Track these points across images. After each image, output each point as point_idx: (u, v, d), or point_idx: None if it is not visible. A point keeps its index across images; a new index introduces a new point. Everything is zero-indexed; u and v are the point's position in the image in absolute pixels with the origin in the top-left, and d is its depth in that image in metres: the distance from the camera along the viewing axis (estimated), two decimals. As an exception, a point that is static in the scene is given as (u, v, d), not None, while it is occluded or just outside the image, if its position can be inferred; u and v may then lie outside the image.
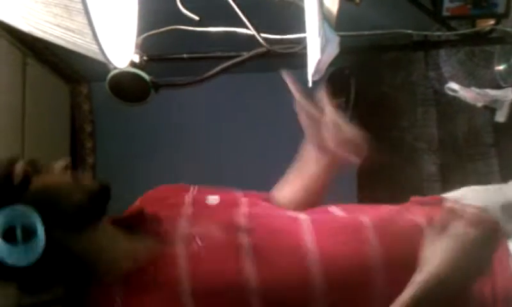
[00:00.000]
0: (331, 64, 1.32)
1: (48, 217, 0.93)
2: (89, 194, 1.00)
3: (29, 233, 0.90)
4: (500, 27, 1.69)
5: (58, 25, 0.86)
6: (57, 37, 0.90)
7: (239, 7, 1.42)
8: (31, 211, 0.91)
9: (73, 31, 0.85)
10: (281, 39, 1.52)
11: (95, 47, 0.86)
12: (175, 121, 3.44)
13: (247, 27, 1.45)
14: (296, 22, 1.40)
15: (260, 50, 1.54)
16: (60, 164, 1.04)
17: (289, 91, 1.30)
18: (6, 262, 0.90)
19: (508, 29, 1.67)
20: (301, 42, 1.45)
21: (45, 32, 0.90)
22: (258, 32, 1.46)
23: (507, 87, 2.04)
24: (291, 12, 1.40)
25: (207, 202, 1.19)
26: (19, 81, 2.66)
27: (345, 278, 1.05)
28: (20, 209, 0.91)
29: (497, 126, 2.44)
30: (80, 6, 0.80)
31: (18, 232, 0.89)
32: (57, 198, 0.98)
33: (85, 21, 0.81)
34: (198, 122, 3.45)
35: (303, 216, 1.18)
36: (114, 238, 1.06)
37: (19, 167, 0.98)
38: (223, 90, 3.38)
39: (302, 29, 1.34)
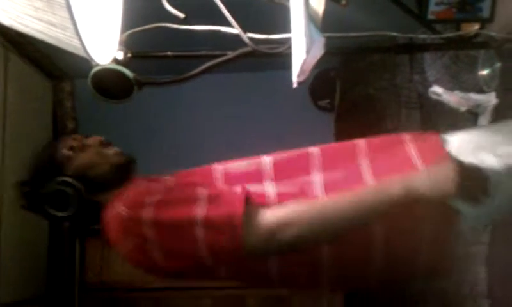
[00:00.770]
0: (317, 65, 1.32)
1: (82, 184, 1.31)
2: (115, 167, 1.38)
3: (68, 201, 1.29)
4: (484, 31, 1.70)
5: (40, 19, 0.85)
6: (39, 31, 0.88)
7: (224, 6, 1.41)
8: (69, 188, 1.29)
9: (55, 25, 0.84)
10: (267, 39, 1.51)
11: (76, 42, 0.85)
12: (158, 119, 3.42)
13: (232, 26, 1.44)
14: (282, 22, 1.39)
15: (245, 49, 1.53)
16: (96, 139, 1.42)
17: (274, 92, 1.32)
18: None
19: (492, 34, 1.68)
20: (287, 42, 1.44)
21: (26, 26, 0.88)
22: (244, 32, 1.45)
23: (490, 92, 2.05)
24: (277, 12, 1.39)
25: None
26: (1, 77, 2.62)
27: None
28: (62, 179, 1.30)
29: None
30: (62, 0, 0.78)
31: (60, 198, 1.29)
32: (89, 171, 1.35)
33: (67, 15, 0.80)
34: (182, 120, 3.44)
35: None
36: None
37: (64, 150, 1.36)
38: (208, 89, 3.37)
39: (288, 29, 1.33)
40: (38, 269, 3.29)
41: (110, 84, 1.49)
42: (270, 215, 1.17)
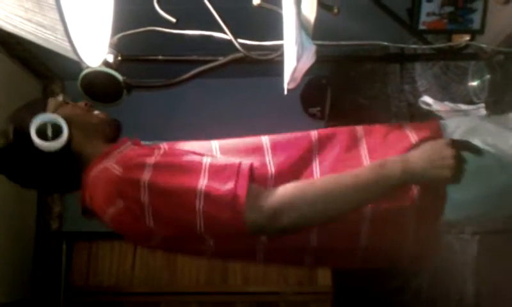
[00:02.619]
0: (308, 72, 1.32)
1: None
2: (102, 120, 1.38)
3: (57, 132, 1.26)
4: (474, 43, 1.71)
5: (29, 20, 0.84)
6: (28, 32, 0.87)
7: (216, 11, 1.41)
8: (60, 119, 1.27)
9: (44, 27, 0.83)
10: (259, 46, 1.51)
11: (66, 44, 0.84)
12: (148, 123, 3.41)
13: (224, 32, 1.44)
14: (274, 29, 1.39)
15: (236, 55, 1.53)
16: (83, 102, 1.41)
17: (264, 98, 1.32)
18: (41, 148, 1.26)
19: (483, 45, 1.69)
20: (278, 49, 1.44)
21: (15, 26, 0.87)
22: (236, 38, 1.45)
23: (479, 103, 2.06)
24: (269, 19, 1.39)
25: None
26: (-11, 76, 2.61)
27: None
28: (52, 116, 1.27)
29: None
30: (52, 1, 0.78)
31: (49, 130, 1.25)
32: (78, 117, 1.34)
33: (57, 17, 0.79)
34: (173, 124, 3.43)
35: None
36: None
37: (53, 100, 1.36)
38: (199, 94, 3.37)
39: (279, 36, 1.33)
40: (23, 272, 3.26)
41: (100, 87, 1.48)
42: (274, 195, 1.15)
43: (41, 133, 1.25)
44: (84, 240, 3.56)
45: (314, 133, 1.35)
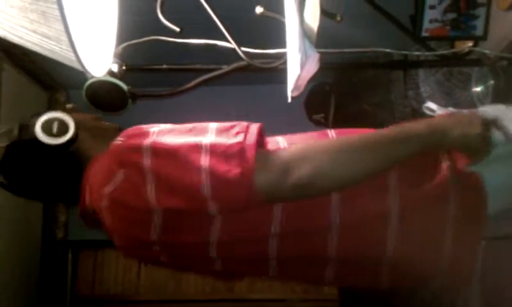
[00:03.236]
0: (312, 79, 1.32)
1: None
2: (108, 127, 1.32)
3: (63, 131, 1.21)
4: (478, 49, 1.71)
5: (34, 32, 0.85)
6: (34, 43, 0.88)
7: (220, 20, 1.42)
8: (68, 117, 1.22)
9: (49, 38, 0.84)
10: (262, 54, 1.52)
11: (71, 55, 0.85)
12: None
13: (228, 41, 1.44)
14: (277, 38, 1.40)
15: (240, 63, 1.54)
16: (91, 114, 1.36)
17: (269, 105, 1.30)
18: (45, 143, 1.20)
19: (486, 51, 1.69)
20: (282, 57, 1.45)
21: (20, 38, 0.88)
22: (239, 46, 1.46)
23: (483, 108, 2.06)
24: (272, 27, 1.40)
25: None
26: (-5, 87, 2.62)
27: None
28: (60, 114, 1.22)
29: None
30: (57, 12, 0.78)
31: (55, 127, 1.20)
32: (86, 123, 1.28)
33: (62, 28, 0.80)
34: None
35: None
36: None
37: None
38: (203, 101, 3.37)
39: (283, 44, 1.34)
40: (29, 281, 3.26)
41: (104, 96, 1.48)
42: (285, 151, 1.06)
43: (47, 129, 1.20)
44: (90, 249, 3.57)
45: (331, 132, 1.24)
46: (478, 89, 2.03)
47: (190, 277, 3.53)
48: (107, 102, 1.50)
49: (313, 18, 1.26)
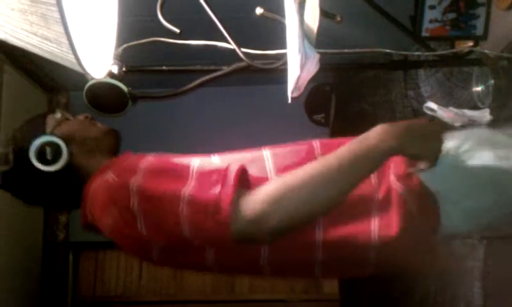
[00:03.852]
0: (312, 80, 1.32)
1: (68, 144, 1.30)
2: (104, 132, 1.38)
3: (57, 153, 1.28)
4: (478, 49, 1.71)
5: (35, 34, 0.85)
6: (34, 45, 0.88)
7: (220, 21, 1.42)
8: (58, 140, 1.28)
9: (49, 40, 0.84)
10: (262, 55, 1.52)
11: (71, 57, 0.85)
12: (153, 132, 3.42)
13: (228, 42, 1.44)
14: (277, 38, 1.40)
15: (240, 64, 1.54)
16: (83, 116, 1.41)
17: (269, 105, 1.30)
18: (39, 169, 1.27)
19: (486, 51, 1.69)
20: (282, 58, 1.45)
21: (21, 40, 0.88)
22: (239, 47, 1.46)
23: (484, 108, 2.06)
24: (272, 28, 1.40)
25: None
26: (-4, 88, 2.63)
27: None
28: (50, 138, 1.29)
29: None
30: (57, 15, 0.78)
31: (48, 152, 1.27)
32: (80, 132, 1.35)
33: (61, 30, 0.80)
34: (178, 133, 3.44)
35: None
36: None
37: (52, 118, 1.37)
38: (203, 102, 3.37)
39: (283, 45, 1.34)
40: (31, 282, 3.26)
41: (105, 98, 1.49)
42: (254, 199, 1.06)
43: (41, 155, 1.27)
44: (91, 250, 3.57)
45: (316, 143, 1.32)
46: (478, 88, 2.03)
47: (191, 277, 3.53)
48: (108, 103, 1.50)
49: (312, 18, 1.26)
